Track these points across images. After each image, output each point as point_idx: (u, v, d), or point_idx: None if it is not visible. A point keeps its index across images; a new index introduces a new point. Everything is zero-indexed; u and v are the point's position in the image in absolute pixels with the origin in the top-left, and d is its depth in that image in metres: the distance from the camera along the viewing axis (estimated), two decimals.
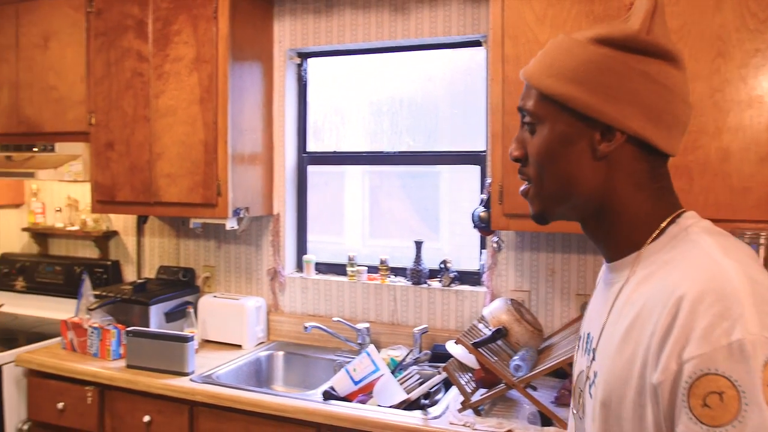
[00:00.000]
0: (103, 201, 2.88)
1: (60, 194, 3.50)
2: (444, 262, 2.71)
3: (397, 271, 2.86)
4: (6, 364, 2.68)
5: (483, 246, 2.68)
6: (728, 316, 0.73)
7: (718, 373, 0.72)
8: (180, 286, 3.01)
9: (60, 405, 2.56)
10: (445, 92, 2.84)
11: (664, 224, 0.88)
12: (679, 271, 0.81)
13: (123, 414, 2.46)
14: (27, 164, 2.98)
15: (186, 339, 2.45)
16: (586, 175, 0.90)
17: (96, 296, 2.82)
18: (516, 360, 2.02)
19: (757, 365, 0.71)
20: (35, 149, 3.04)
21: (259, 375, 2.74)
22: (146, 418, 2.40)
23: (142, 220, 3.26)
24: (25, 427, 2.70)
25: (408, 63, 2.87)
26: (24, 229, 3.55)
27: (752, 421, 0.69)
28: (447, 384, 2.31)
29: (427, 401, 2.19)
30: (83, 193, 3.36)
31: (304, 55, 2.99)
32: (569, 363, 1.92)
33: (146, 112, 2.73)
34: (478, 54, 2.72)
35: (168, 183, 2.70)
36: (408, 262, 2.80)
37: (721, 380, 0.72)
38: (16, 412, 2.70)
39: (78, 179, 2.94)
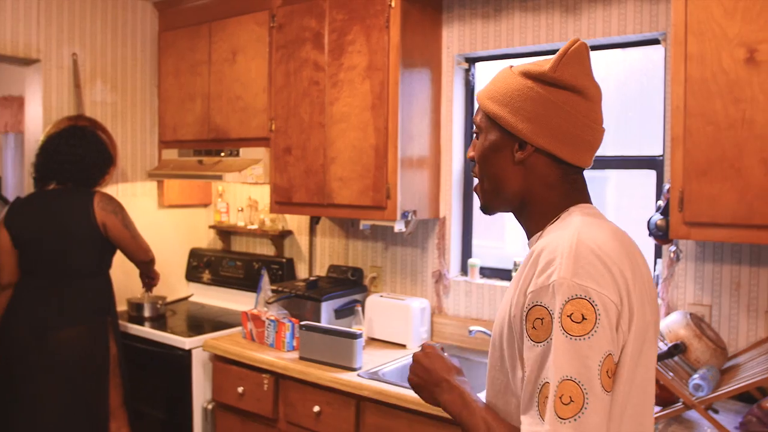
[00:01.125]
0: (281, 202, 3.09)
1: (242, 195, 3.79)
2: None
3: None
4: (195, 348, 2.96)
5: (658, 255, 2.54)
6: (552, 264, 1.02)
7: (541, 305, 1.01)
8: (348, 284, 3.14)
9: (240, 389, 2.78)
10: (617, 94, 2.72)
11: (564, 213, 1.15)
12: (545, 239, 1.10)
13: (295, 402, 2.62)
14: (215, 168, 3.27)
15: (355, 336, 2.55)
16: (509, 175, 1.18)
17: (273, 291, 3.02)
18: (696, 379, 1.89)
19: (561, 300, 0.99)
20: (222, 154, 3.33)
21: None
22: (316, 408, 2.53)
23: (314, 221, 3.45)
24: (210, 406, 2.96)
25: None
26: (210, 227, 3.90)
27: (555, 338, 0.98)
28: None
29: None
30: (262, 195, 3.62)
31: (472, 60, 3.01)
32: (757, 387, 1.77)
33: (321, 118, 2.89)
34: (655, 53, 2.58)
35: (340, 186, 2.83)
36: None
37: (542, 310, 1.01)
38: (202, 393, 2.97)
39: (258, 182, 3.17)
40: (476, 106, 1.28)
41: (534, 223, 1.18)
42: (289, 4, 3.02)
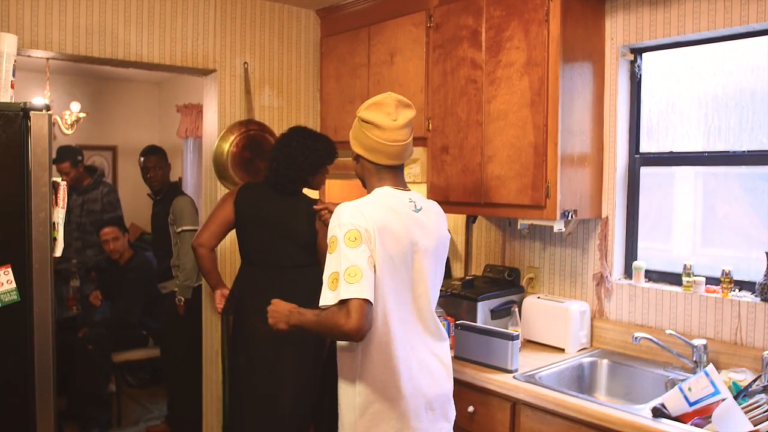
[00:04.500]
0: (438, 201, 3.09)
1: None
2: None
3: (741, 285, 2.55)
4: None
5: None
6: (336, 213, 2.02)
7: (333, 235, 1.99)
8: (505, 285, 3.08)
9: None
10: None
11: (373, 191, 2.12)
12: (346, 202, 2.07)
13: None
14: None
15: (511, 337, 2.51)
16: (358, 171, 2.19)
17: None
18: None
19: (343, 230, 1.93)
20: None
21: (581, 381, 2.68)
22: (470, 408, 2.52)
23: (471, 220, 3.43)
24: None
25: (761, 50, 2.53)
26: None
27: (341, 248, 1.93)
28: None
29: None
30: (421, 193, 3.65)
31: (638, 51, 2.84)
32: None
33: (478, 116, 2.87)
34: None
35: (498, 185, 2.79)
36: (749, 275, 2.48)
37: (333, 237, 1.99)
38: None
39: (416, 181, 3.21)
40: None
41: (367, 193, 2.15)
42: (446, 4, 3.02)
